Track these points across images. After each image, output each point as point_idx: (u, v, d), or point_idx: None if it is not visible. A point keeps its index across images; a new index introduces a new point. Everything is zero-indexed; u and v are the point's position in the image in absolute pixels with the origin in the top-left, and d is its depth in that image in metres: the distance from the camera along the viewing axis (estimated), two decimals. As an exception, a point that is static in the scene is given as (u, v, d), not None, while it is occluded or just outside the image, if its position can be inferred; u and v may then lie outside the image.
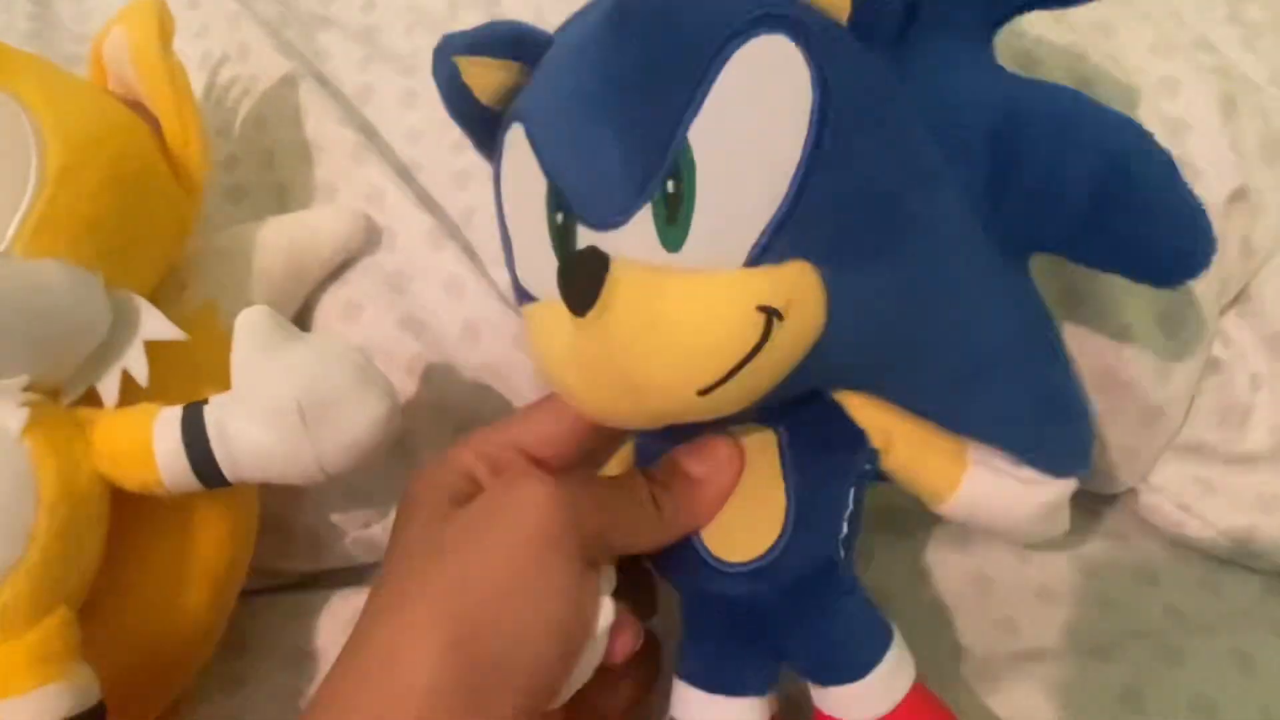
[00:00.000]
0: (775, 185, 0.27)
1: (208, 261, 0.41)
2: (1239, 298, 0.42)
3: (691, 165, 0.27)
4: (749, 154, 0.27)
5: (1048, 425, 0.31)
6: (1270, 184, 0.40)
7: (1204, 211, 0.29)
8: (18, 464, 0.31)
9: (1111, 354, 0.39)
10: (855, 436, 0.32)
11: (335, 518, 0.42)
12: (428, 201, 0.45)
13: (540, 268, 0.31)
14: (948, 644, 0.39)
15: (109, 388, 0.33)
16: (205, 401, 0.33)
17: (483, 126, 0.34)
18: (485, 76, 0.33)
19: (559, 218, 0.30)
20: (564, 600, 0.28)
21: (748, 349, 0.27)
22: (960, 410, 0.31)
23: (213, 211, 0.45)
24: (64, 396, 0.33)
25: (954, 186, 0.29)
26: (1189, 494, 0.41)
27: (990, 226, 0.30)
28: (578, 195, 0.29)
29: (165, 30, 0.39)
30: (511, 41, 0.33)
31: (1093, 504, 0.43)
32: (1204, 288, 0.39)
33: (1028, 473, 0.31)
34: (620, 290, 0.27)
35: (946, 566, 0.41)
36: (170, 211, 0.39)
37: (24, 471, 0.31)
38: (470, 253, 0.44)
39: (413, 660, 0.26)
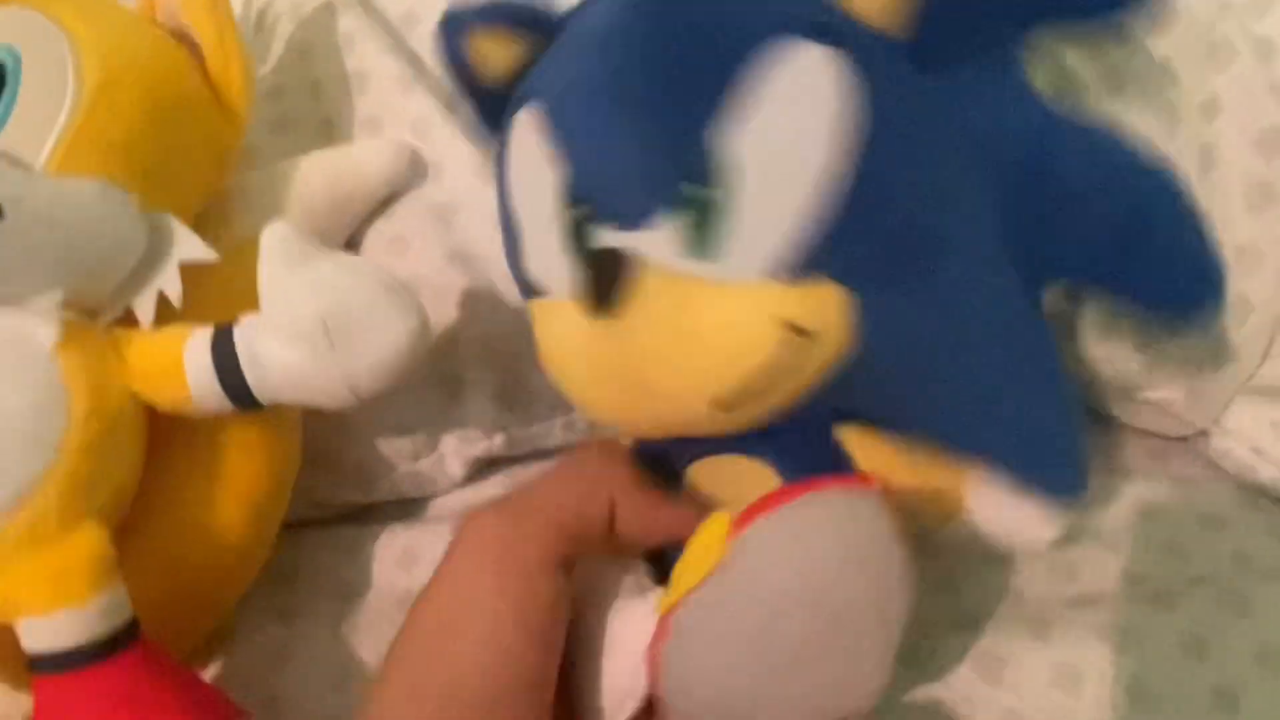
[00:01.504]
0: (807, 200, 0.26)
1: (251, 196, 0.41)
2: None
3: (723, 171, 0.26)
4: (782, 165, 0.26)
5: (1050, 455, 0.31)
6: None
7: (1219, 269, 0.31)
8: (48, 376, 0.31)
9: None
10: (849, 473, 0.31)
11: (384, 451, 0.42)
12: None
13: (549, 262, 0.29)
14: (998, 587, 0.38)
15: (145, 307, 0.34)
16: (236, 322, 0.33)
17: (489, 105, 0.33)
18: (495, 51, 0.32)
19: (572, 212, 0.28)
20: None
21: (766, 361, 0.26)
22: (969, 434, 0.30)
23: (258, 143, 0.45)
24: (102, 316, 0.34)
25: (985, 210, 0.29)
26: (1264, 437, 0.40)
27: (1012, 251, 0.30)
28: (596, 189, 0.28)
29: None
30: (522, 16, 0.32)
31: (1160, 447, 0.42)
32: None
33: (1022, 500, 0.31)
34: (641, 293, 0.26)
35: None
36: (210, 138, 0.38)
37: (54, 384, 0.31)
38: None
39: None
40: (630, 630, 0.30)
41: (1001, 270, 0.30)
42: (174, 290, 0.34)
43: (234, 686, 0.38)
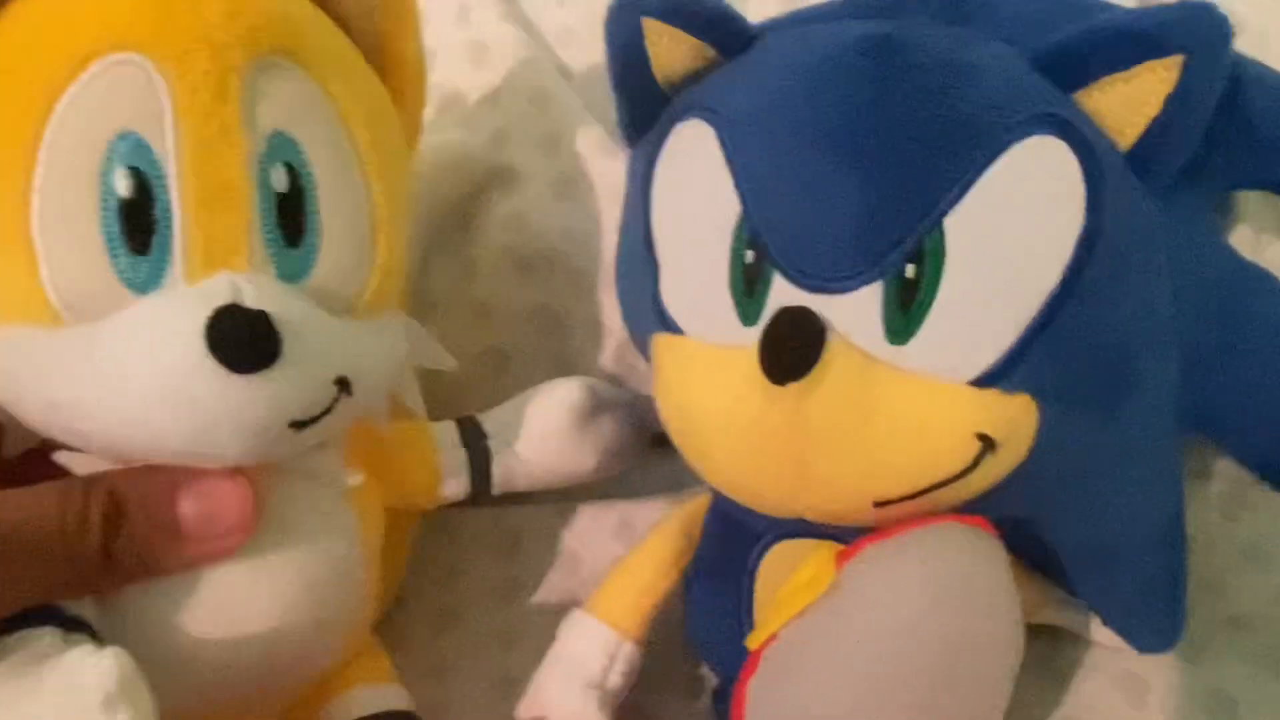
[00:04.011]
0: (1025, 306, 0.24)
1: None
2: None
3: (940, 254, 0.24)
4: (1004, 264, 0.24)
5: (1154, 608, 0.30)
6: None
7: None
8: (347, 523, 0.29)
9: None
10: None
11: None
12: (595, 108, 0.42)
13: (698, 299, 0.27)
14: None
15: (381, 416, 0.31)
16: (475, 423, 0.33)
17: (644, 102, 0.30)
18: (672, 51, 0.29)
19: (749, 255, 0.26)
20: None
21: (952, 474, 0.25)
22: (1086, 579, 0.29)
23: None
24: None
25: (1174, 352, 0.27)
26: None
27: (1178, 394, 0.28)
28: (790, 241, 0.25)
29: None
30: (714, 20, 0.29)
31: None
32: None
33: (1109, 634, 0.31)
34: (832, 370, 0.24)
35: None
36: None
37: (353, 531, 0.30)
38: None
39: None
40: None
41: (1168, 413, 0.28)
42: (417, 401, 0.34)
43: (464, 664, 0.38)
